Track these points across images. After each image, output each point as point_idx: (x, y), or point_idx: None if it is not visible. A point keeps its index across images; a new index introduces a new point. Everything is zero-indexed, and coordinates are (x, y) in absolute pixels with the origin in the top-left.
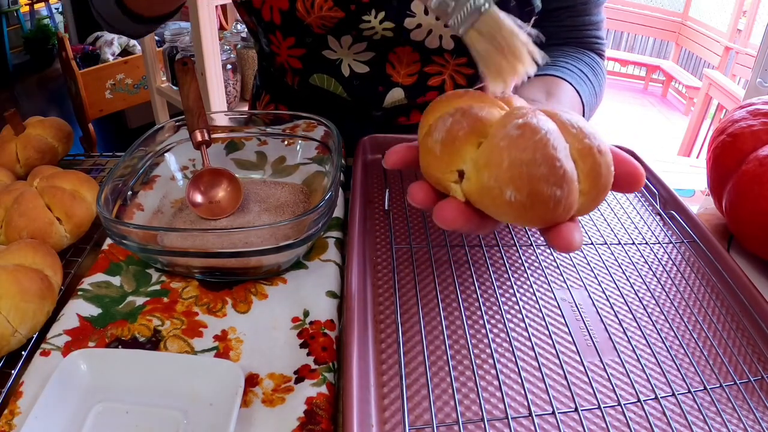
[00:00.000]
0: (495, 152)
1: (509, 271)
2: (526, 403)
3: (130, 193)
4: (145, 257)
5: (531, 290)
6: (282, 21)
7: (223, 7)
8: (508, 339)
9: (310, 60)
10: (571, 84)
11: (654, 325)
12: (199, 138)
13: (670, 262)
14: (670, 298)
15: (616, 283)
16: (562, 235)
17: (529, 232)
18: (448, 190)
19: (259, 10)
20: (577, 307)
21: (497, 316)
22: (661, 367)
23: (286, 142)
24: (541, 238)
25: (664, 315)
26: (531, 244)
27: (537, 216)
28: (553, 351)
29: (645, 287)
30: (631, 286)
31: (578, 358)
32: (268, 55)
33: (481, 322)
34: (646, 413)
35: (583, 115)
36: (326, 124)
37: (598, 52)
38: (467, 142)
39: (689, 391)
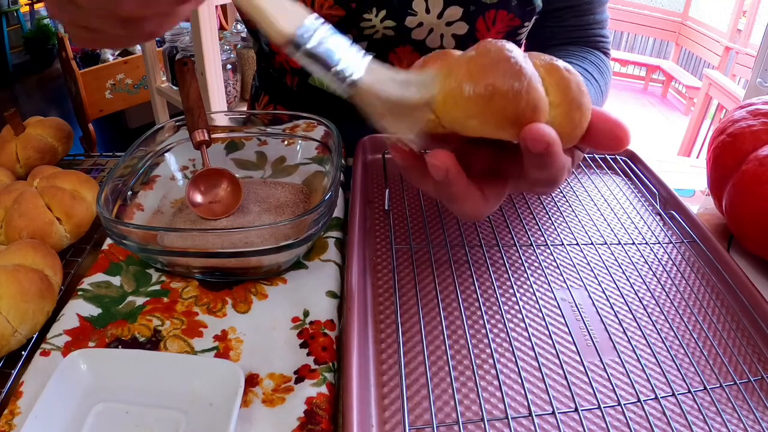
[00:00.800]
0: (456, 62)
1: (509, 271)
2: (526, 403)
3: (130, 193)
4: (145, 257)
5: (531, 290)
6: None
7: (223, 7)
8: (508, 339)
9: None
10: None
11: (654, 325)
12: (199, 138)
13: (670, 262)
14: (670, 298)
15: (616, 283)
16: (532, 129)
17: (529, 233)
18: None
19: None
20: (577, 307)
21: (497, 316)
22: (661, 367)
23: (286, 142)
24: (541, 238)
25: (664, 315)
26: (531, 244)
27: (499, 110)
28: (553, 351)
29: (645, 287)
30: (631, 286)
31: (578, 358)
32: (267, 54)
33: (481, 322)
34: (646, 413)
35: None
36: (326, 124)
37: (603, 50)
38: (437, 65)
39: (689, 391)
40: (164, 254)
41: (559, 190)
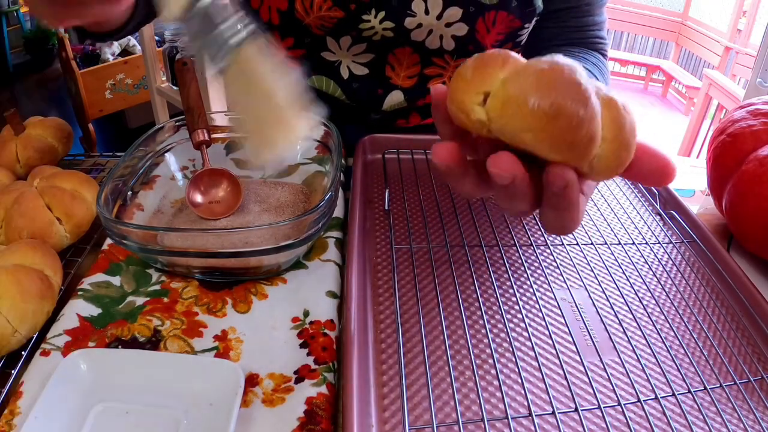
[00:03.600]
0: (524, 69)
1: (509, 271)
2: (526, 403)
3: (130, 193)
4: (145, 257)
5: (531, 290)
6: (280, 21)
7: None
8: (508, 339)
9: (309, 61)
10: None
11: (654, 325)
12: (199, 138)
13: (670, 262)
14: (670, 298)
15: (616, 283)
16: (555, 171)
17: (529, 232)
18: (470, 113)
19: (257, 11)
20: (577, 307)
21: (497, 316)
22: (661, 367)
23: None
24: (541, 238)
25: (664, 315)
26: (531, 244)
27: (559, 133)
28: (553, 351)
29: (645, 287)
30: (631, 286)
31: (578, 358)
32: None
33: (481, 322)
34: (646, 413)
35: None
36: (326, 123)
37: (602, 52)
38: (499, 66)
39: (689, 391)
40: (164, 254)
41: None
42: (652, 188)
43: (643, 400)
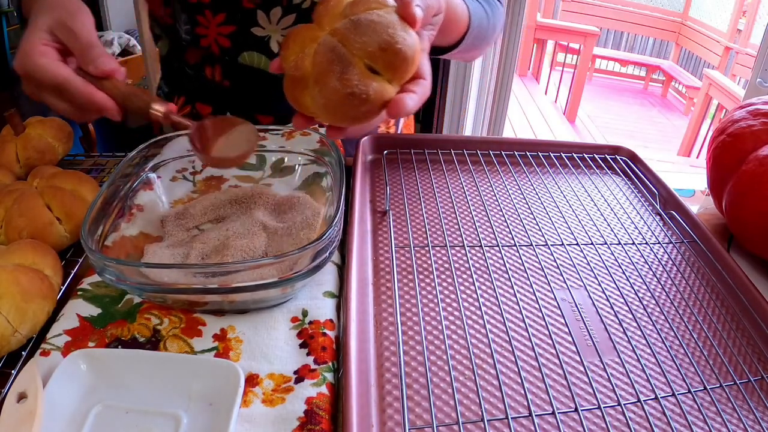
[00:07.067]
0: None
1: (509, 271)
2: (526, 403)
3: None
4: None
5: (531, 290)
6: None
7: None
8: (508, 339)
9: (239, 37)
10: None
11: (654, 325)
12: (160, 110)
13: (670, 262)
14: (670, 298)
15: (616, 283)
16: (393, 104)
17: (529, 233)
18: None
19: None
20: (577, 307)
21: (497, 316)
22: (661, 367)
23: (286, 146)
24: (541, 238)
25: (664, 315)
26: (531, 244)
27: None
28: (553, 351)
29: (645, 287)
30: (631, 286)
31: (578, 358)
32: (188, 44)
33: (481, 322)
34: (646, 413)
35: (469, 26)
36: (320, 134)
37: None
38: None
39: (689, 391)
40: (162, 291)
41: (560, 190)
42: (652, 188)
43: (643, 400)
